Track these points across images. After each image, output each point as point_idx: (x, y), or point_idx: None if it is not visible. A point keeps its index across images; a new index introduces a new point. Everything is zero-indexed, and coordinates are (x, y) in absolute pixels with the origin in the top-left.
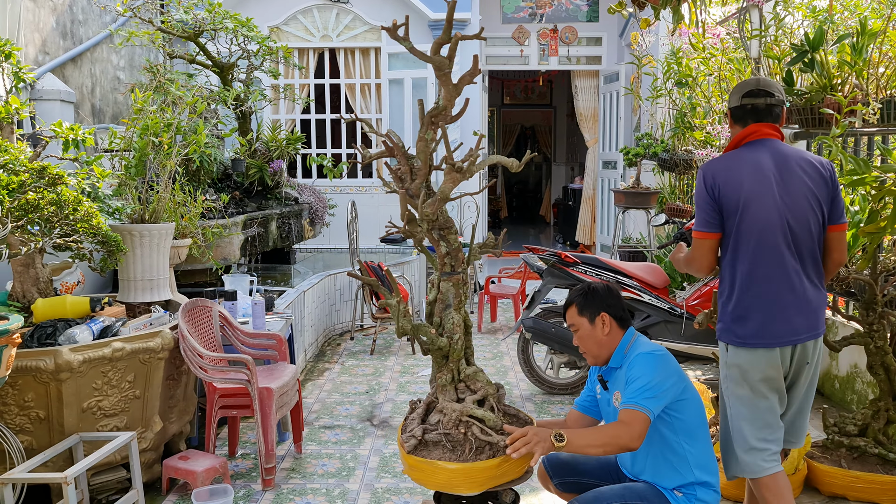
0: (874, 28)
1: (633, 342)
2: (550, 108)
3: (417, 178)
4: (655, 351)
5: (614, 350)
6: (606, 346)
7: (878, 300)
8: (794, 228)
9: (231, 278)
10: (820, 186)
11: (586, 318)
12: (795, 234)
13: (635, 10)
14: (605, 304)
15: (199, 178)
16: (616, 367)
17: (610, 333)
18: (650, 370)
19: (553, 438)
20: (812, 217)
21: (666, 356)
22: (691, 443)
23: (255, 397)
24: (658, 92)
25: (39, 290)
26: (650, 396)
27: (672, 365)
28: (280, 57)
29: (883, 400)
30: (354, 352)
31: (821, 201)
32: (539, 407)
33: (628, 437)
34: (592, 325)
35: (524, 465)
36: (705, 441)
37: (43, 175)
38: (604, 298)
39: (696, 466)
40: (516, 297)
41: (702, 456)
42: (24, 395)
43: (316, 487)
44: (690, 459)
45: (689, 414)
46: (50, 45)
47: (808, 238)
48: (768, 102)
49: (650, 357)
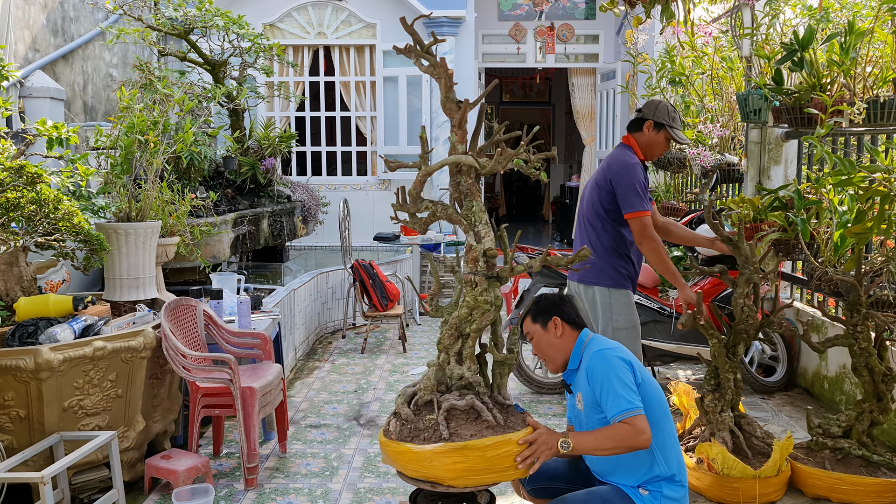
0: (862, 28)
1: (588, 341)
2: (549, 106)
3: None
4: (607, 346)
5: (570, 353)
6: (562, 349)
7: (862, 301)
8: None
9: (218, 277)
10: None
11: (539, 325)
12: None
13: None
14: (557, 308)
15: (189, 175)
16: (574, 369)
17: (563, 336)
18: (608, 365)
19: (559, 446)
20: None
21: (617, 348)
22: (655, 434)
23: (238, 397)
24: (653, 90)
25: (23, 288)
26: (627, 395)
27: (624, 352)
28: (273, 54)
29: (867, 401)
30: (345, 350)
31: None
32: (527, 406)
33: (633, 437)
34: (545, 330)
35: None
36: (670, 433)
37: (21, 174)
38: (554, 304)
39: (661, 459)
40: (508, 296)
41: (666, 447)
42: (4, 394)
43: (298, 487)
44: (656, 452)
45: (651, 406)
46: (40, 43)
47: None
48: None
49: (604, 354)
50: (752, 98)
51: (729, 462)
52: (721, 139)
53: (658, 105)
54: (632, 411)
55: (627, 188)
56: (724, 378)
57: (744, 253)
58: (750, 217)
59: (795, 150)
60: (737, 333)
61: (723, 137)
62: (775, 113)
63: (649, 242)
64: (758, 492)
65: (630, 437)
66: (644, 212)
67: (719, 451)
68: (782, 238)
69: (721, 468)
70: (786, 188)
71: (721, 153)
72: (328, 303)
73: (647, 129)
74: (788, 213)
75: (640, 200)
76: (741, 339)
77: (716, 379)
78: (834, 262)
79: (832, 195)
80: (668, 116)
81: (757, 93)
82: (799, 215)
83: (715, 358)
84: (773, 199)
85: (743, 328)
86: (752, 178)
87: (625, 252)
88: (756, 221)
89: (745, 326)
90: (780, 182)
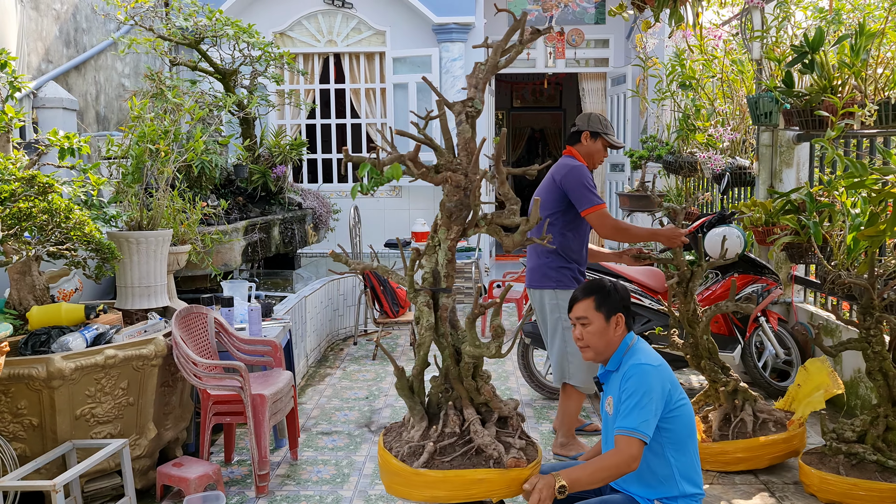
0: (873, 29)
1: (631, 346)
2: (560, 111)
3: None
4: (651, 362)
5: (614, 352)
6: (611, 345)
7: (875, 305)
8: None
9: (229, 284)
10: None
11: (602, 314)
12: None
13: (636, 12)
14: (623, 305)
15: (200, 183)
16: (613, 370)
17: (619, 335)
18: (644, 384)
19: (556, 491)
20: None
21: (660, 368)
22: (678, 455)
23: (248, 404)
24: (663, 94)
25: (36, 297)
26: (643, 419)
27: (666, 375)
28: (283, 62)
29: (882, 406)
30: (357, 357)
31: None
32: (538, 412)
33: (626, 465)
34: (607, 322)
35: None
36: (693, 453)
37: (33, 184)
38: (623, 299)
39: (682, 478)
40: (520, 301)
41: (688, 468)
42: (16, 402)
43: (309, 494)
44: (676, 471)
45: (680, 425)
46: (53, 54)
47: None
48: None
49: (645, 370)
50: (763, 101)
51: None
52: (732, 142)
53: (590, 116)
54: (638, 434)
55: (578, 187)
56: (691, 335)
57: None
58: (762, 220)
59: (807, 152)
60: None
61: (734, 141)
62: (786, 116)
63: (612, 228)
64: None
65: (623, 465)
66: (599, 205)
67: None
68: (795, 241)
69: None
70: (798, 191)
71: (732, 156)
72: (339, 309)
73: (585, 139)
74: (801, 217)
75: (593, 195)
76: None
77: (691, 339)
78: (847, 266)
79: (844, 198)
80: (601, 125)
81: (767, 96)
82: (811, 218)
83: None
84: (785, 203)
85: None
86: (763, 182)
87: (567, 253)
88: (768, 225)
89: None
90: (792, 185)
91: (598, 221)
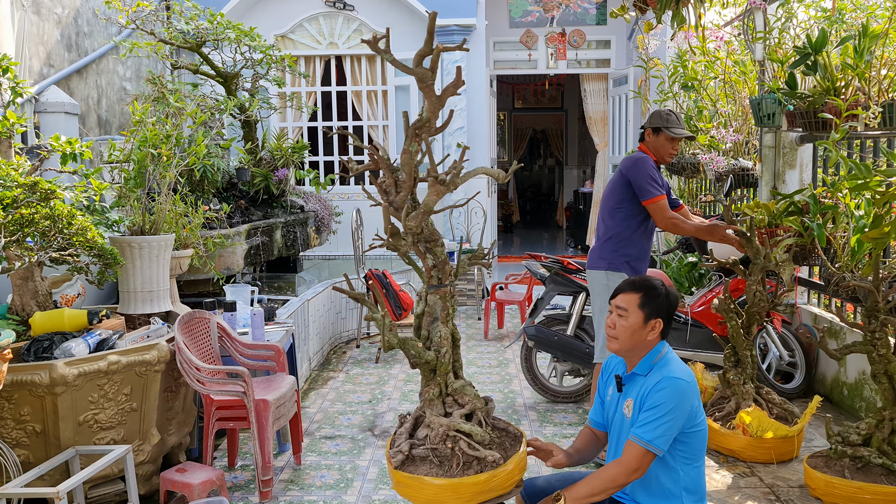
0: (876, 30)
1: (663, 354)
2: (562, 112)
3: (402, 190)
4: (685, 377)
5: (644, 356)
6: (641, 347)
7: (880, 307)
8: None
9: (232, 288)
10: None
11: (643, 313)
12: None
13: (637, 13)
14: (666, 312)
15: (203, 187)
16: (640, 374)
17: (652, 340)
18: (674, 400)
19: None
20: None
21: (692, 385)
22: (687, 468)
23: (251, 409)
24: (665, 95)
25: (38, 303)
26: (662, 434)
27: (695, 391)
28: (285, 65)
29: (887, 409)
30: (360, 360)
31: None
32: (542, 416)
33: (626, 476)
34: (644, 322)
35: (513, 479)
36: (701, 466)
37: (35, 190)
38: (670, 306)
39: (686, 489)
40: (523, 303)
41: (694, 481)
42: (20, 409)
43: (313, 499)
44: (682, 482)
45: (696, 441)
46: (55, 58)
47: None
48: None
49: (680, 386)
50: (766, 102)
51: (764, 425)
52: (735, 144)
53: (652, 113)
54: (652, 447)
55: (640, 179)
56: (742, 354)
57: (755, 246)
58: (765, 222)
59: (810, 154)
60: (750, 315)
61: (736, 142)
62: (789, 117)
63: (669, 221)
64: (796, 445)
65: (623, 477)
66: (659, 196)
67: (756, 416)
68: (798, 243)
69: (756, 431)
70: (801, 193)
71: (735, 158)
72: (342, 313)
73: (648, 135)
74: (804, 218)
75: (654, 187)
76: (754, 320)
77: (735, 356)
78: (851, 267)
79: (848, 199)
80: (661, 119)
81: (770, 97)
82: (815, 220)
83: (733, 338)
84: (789, 204)
85: (755, 311)
86: (766, 183)
87: (626, 237)
88: (771, 226)
89: (758, 309)
90: (796, 186)
91: (657, 213)
